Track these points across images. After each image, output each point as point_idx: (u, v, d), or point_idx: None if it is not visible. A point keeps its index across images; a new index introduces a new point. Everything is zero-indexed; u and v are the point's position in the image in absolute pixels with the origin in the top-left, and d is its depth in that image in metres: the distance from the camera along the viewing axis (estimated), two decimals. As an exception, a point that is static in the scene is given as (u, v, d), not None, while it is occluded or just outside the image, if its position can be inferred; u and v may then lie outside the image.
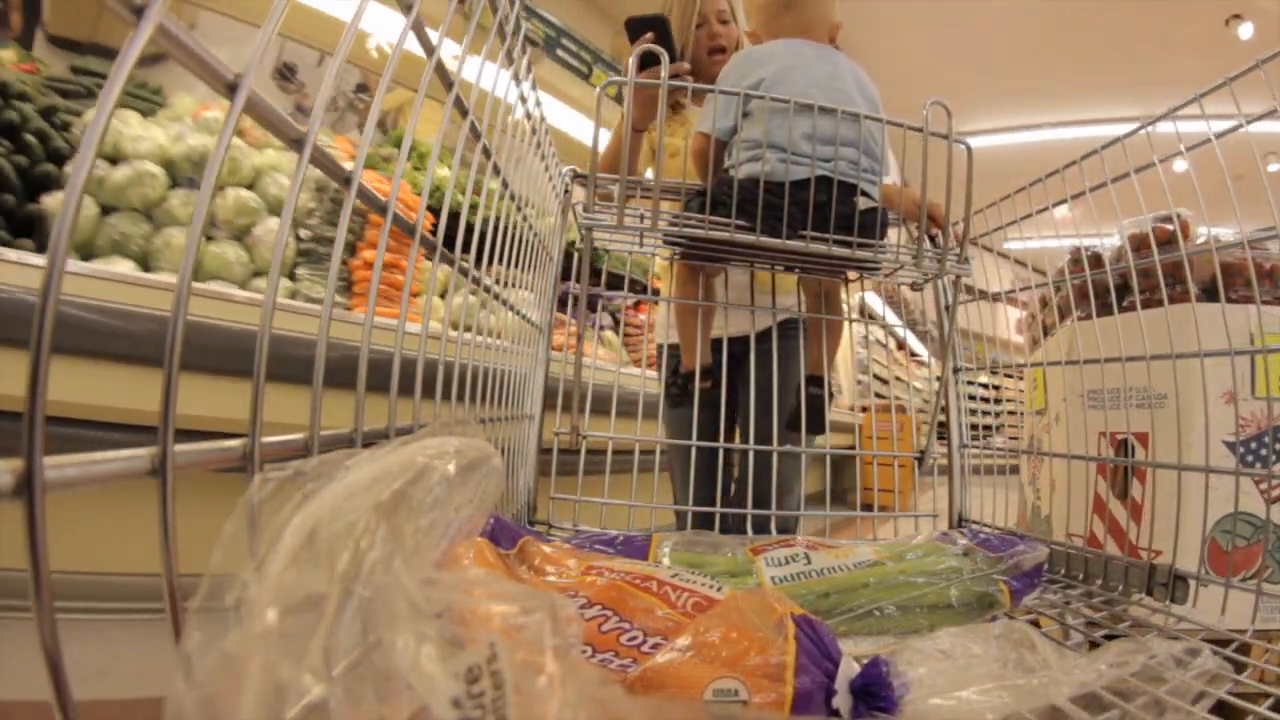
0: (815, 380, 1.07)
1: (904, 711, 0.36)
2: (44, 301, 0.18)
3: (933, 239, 0.90)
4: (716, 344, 1.21)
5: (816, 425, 1.06)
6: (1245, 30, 4.35)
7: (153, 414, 0.22)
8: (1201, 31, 4.33)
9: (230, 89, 0.26)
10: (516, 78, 0.67)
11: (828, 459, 0.99)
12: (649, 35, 1.06)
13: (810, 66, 0.90)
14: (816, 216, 0.79)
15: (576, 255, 0.89)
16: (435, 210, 1.84)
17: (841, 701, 0.37)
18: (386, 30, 2.32)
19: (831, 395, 1.08)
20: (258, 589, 0.21)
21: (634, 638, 0.40)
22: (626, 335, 3.09)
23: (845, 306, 1.11)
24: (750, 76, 0.89)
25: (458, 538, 0.33)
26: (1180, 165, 0.73)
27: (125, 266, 1.62)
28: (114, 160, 1.73)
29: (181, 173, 1.80)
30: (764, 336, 1.29)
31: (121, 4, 0.21)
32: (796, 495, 1.31)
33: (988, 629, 0.39)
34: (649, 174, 1.36)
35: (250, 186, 1.95)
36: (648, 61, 0.90)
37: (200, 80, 0.25)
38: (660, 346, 1.41)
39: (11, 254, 1.19)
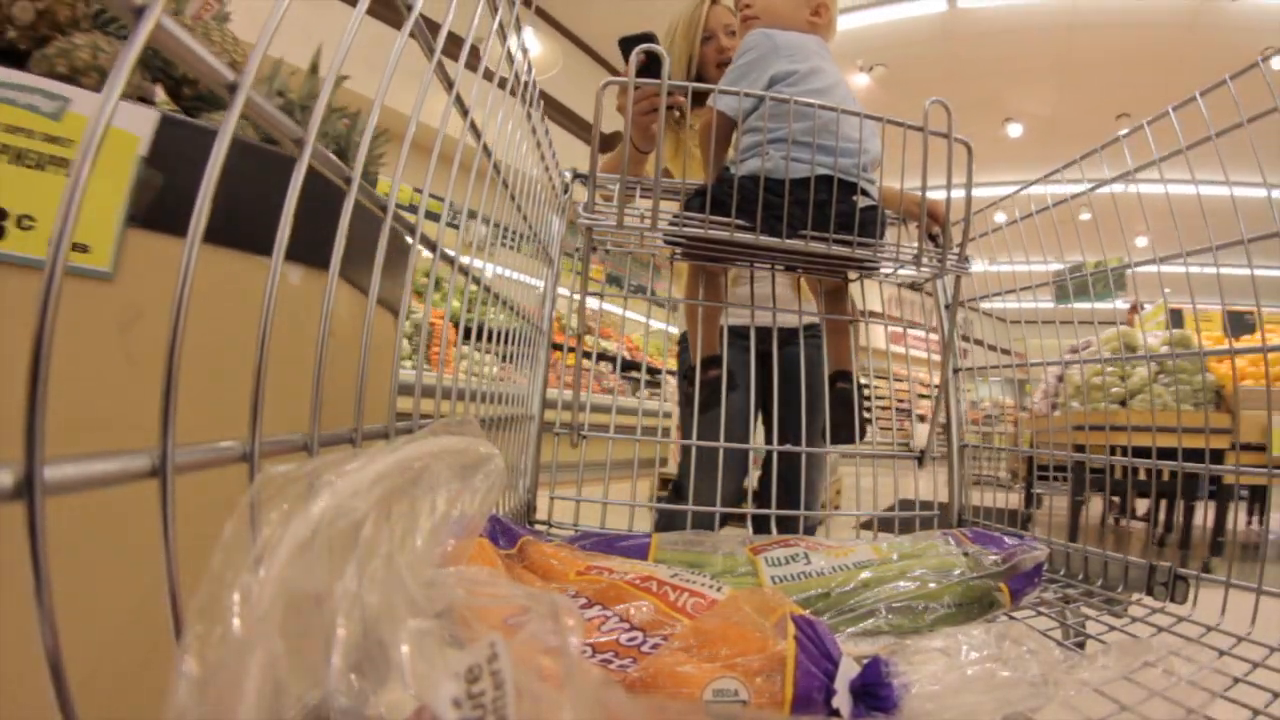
0: (841, 376, 1.03)
1: (904, 711, 0.36)
2: (45, 303, 0.18)
3: (933, 238, 0.90)
4: (741, 332, 1.19)
5: (847, 428, 1.00)
6: (1015, 129, 6.09)
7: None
8: (983, 132, 5.92)
9: (230, 90, 0.26)
10: (517, 77, 0.67)
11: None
12: (642, 56, 1.07)
13: (829, 70, 0.91)
14: (816, 215, 0.79)
15: (575, 268, 0.89)
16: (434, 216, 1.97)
17: (841, 701, 0.37)
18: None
19: (863, 394, 1.04)
20: (259, 589, 0.21)
21: (634, 638, 0.40)
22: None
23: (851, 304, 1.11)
24: (775, 65, 0.89)
25: (458, 538, 0.33)
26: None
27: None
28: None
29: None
30: (788, 337, 1.27)
31: (121, 3, 0.21)
32: (818, 496, 1.30)
33: (988, 629, 0.39)
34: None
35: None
36: (645, 71, 0.92)
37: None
38: (682, 336, 1.42)
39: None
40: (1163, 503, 2.88)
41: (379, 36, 0.47)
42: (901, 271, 0.92)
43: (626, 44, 1.07)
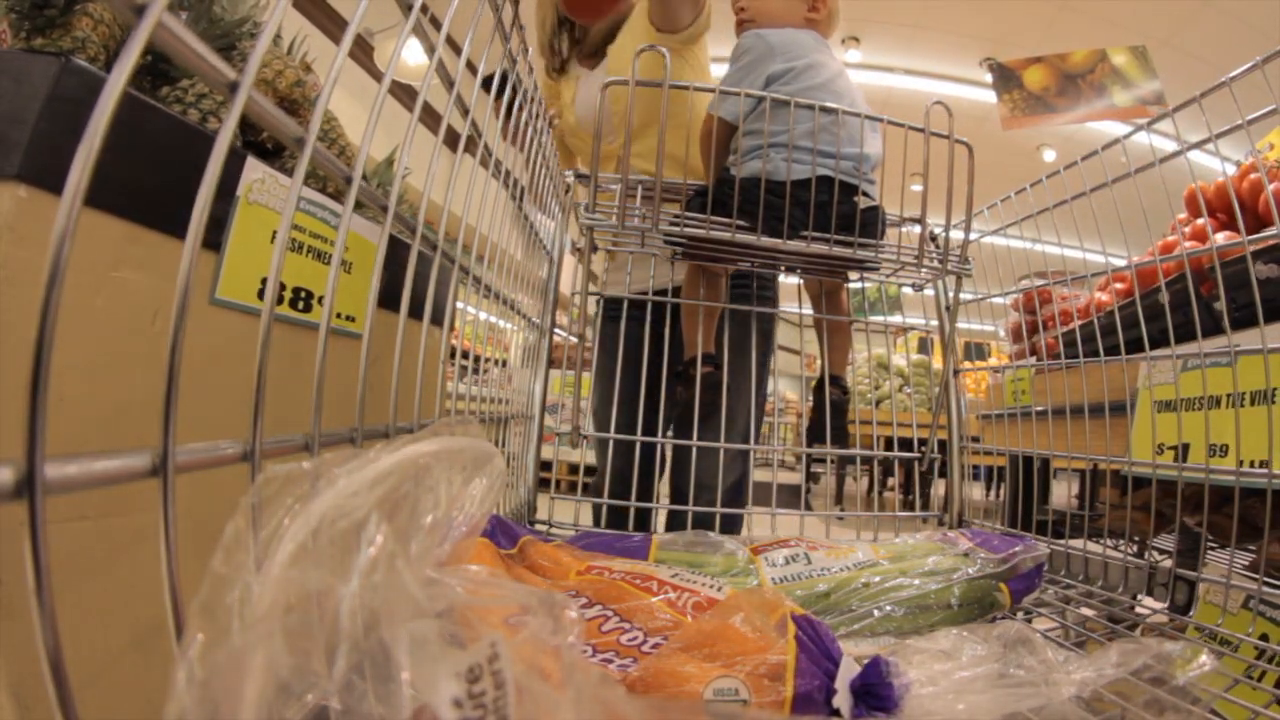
0: (833, 380, 1.01)
1: (904, 711, 0.36)
2: (47, 300, 0.18)
3: (934, 239, 0.90)
4: (635, 303, 1.11)
5: (839, 433, 0.98)
6: (1049, 155, 6.34)
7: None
8: (1018, 159, 5.68)
9: (230, 89, 0.26)
10: (517, 77, 0.67)
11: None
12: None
13: (827, 63, 0.90)
14: (818, 216, 0.79)
15: (577, 255, 0.89)
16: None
17: (841, 701, 0.37)
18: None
19: (849, 399, 1.02)
20: (260, 589, 0.21)
21: (634, 638, 0.40)
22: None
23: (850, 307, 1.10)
24: (770, 65, 0.88)
25: (459, 537, 0.33)
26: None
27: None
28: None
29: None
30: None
31: (123, 1, 0.21)
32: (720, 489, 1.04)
33: (988, 629, 0.39)
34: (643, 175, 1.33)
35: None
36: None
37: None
38: (610, 301, 1.27)
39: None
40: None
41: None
42: (901, 272, 0.92)
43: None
